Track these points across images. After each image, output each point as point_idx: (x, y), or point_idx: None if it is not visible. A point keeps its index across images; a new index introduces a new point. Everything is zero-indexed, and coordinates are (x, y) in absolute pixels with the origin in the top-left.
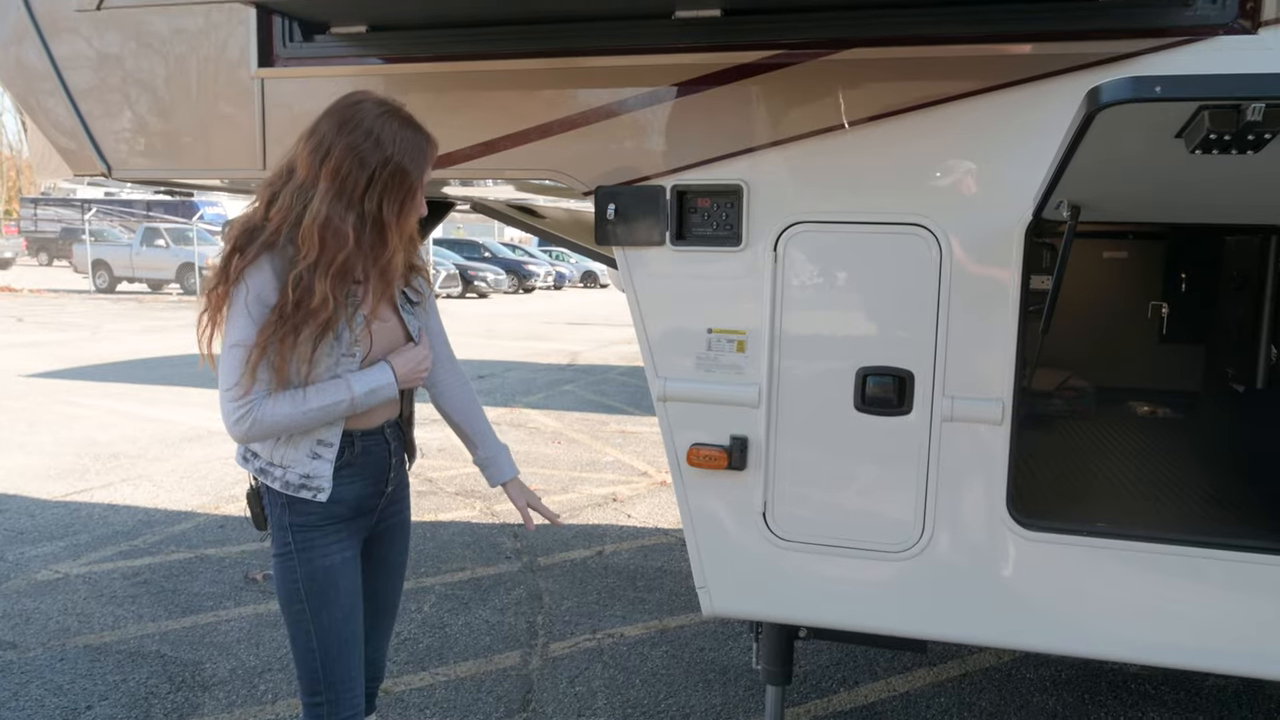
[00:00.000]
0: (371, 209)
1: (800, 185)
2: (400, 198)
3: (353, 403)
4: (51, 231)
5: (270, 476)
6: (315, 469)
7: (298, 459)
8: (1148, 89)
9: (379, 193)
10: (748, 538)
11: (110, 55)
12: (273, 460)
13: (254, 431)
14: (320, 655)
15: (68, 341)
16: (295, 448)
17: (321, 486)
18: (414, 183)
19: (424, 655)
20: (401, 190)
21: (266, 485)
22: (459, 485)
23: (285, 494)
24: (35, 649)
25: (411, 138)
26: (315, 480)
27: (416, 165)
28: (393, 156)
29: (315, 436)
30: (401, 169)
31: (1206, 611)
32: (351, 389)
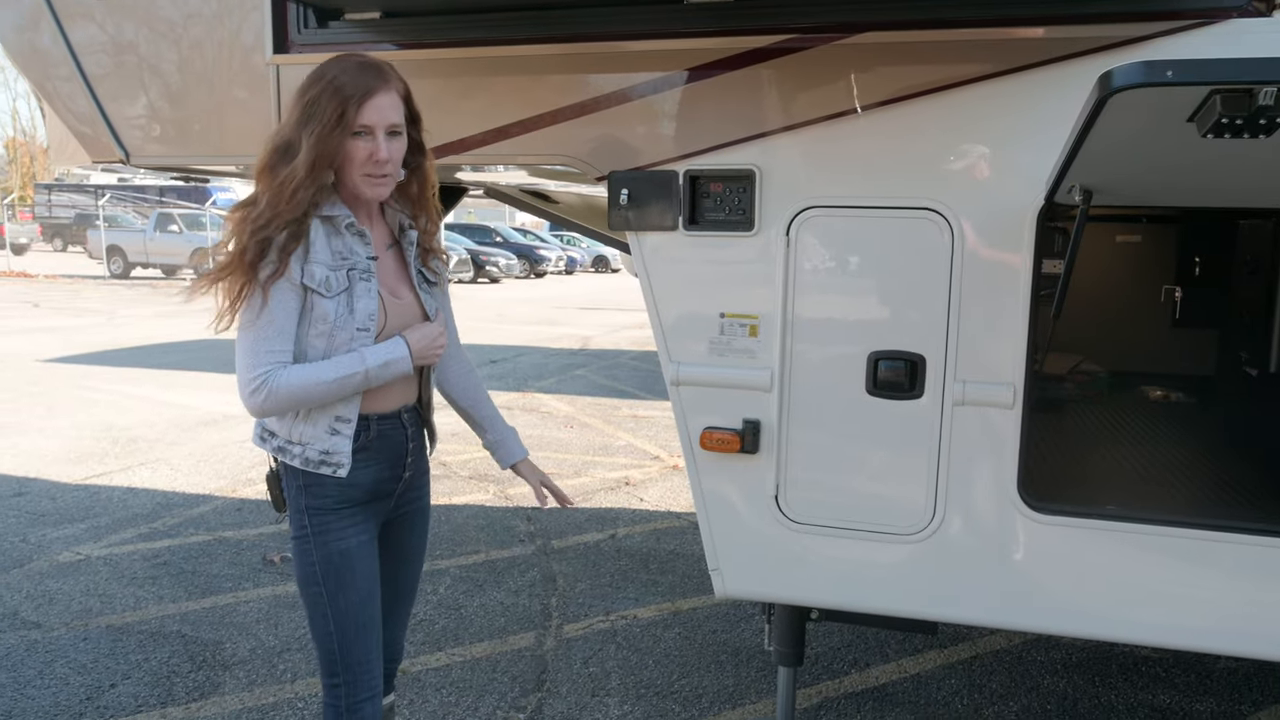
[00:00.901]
0: (292, 137)
1: (813, 170)
2: (327, 122)
3: (366, 375)
4: (66, 217)
5: (289, 454)
6: (334, 445)
7: (316, 435)
8: (1159, 73)
9: (301, 118)
10: (760, 520)
11: (127, 41)
12: (291, 438)
13: (269, 404)
14: (338, 637)
15: (83, 327)
16: (314, 424)
17: (341, 462)
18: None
19: (440, 636)
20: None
21: (285, 466)
22: (472, 469)
23: (305, 471)
24: (59, 629)
25: (350, 65)
26: (335, 456)
27: (354, 86)
28: (325, 81)
29: (333, 413)
30: (332, 89)
31: (1217, 594)
32: (365, 360)
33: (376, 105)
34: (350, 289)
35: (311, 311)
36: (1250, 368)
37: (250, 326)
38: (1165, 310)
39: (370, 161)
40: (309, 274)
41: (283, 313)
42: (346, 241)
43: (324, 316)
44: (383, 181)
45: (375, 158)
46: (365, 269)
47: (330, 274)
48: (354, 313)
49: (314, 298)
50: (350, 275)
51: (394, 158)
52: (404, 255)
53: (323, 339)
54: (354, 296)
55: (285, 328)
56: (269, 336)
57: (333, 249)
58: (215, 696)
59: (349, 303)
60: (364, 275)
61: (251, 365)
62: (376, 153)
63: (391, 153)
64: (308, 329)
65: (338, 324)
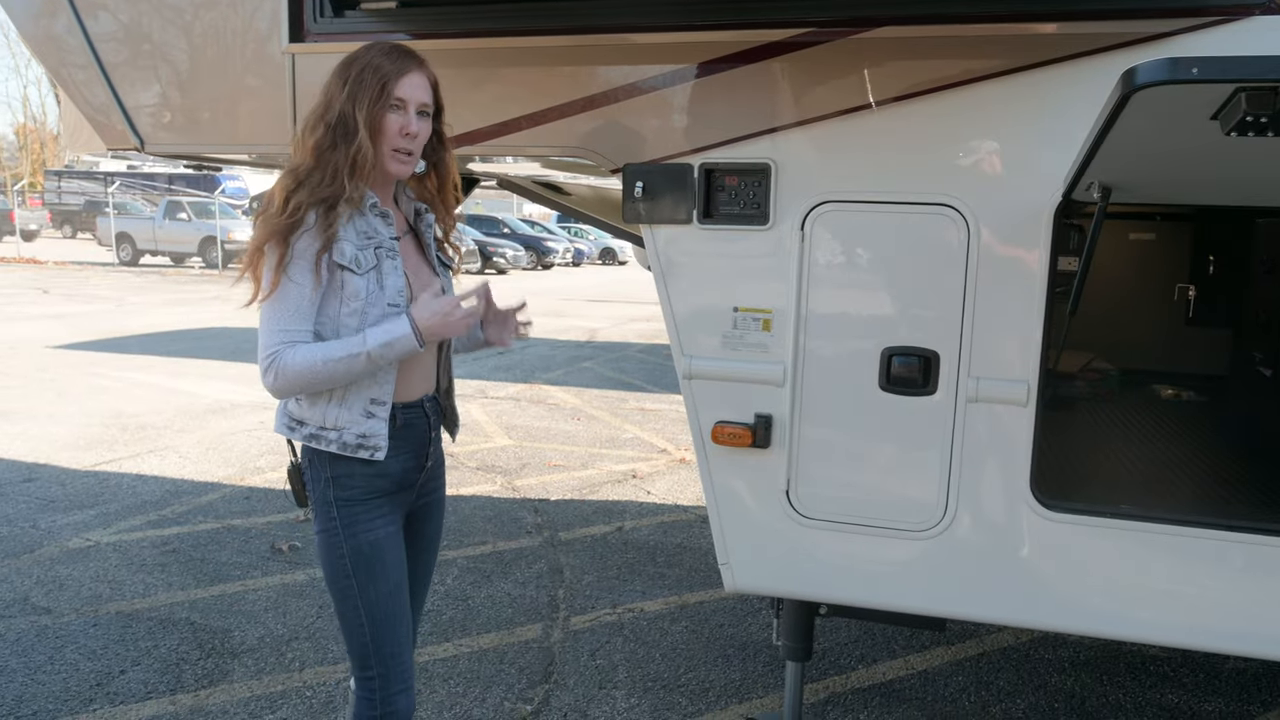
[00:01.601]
0: (345, 110)
1: (828, 165)
2: (370, 96)
3: (369, 356)
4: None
5: (324, 440)
6: (371, 428)
7: (353, 419)
8: (1184, 70)
9: (350, 93)
10: (771, 515)
11: (143, 29)
12: (326, 424)
13: (280, 382)
14: (370, 630)
15: (92, 314)
16: (349, 409)
17: (379, 445)
18: (387, 80)
19: (447, 627)
20: (373, 87)
21: (311, 460)
22: (480, 460)
23: (334, 461)
24: (69, 614)
25: (387, 48)
26: (372, 439)
27: (392, 63)
28: (366, 59)
29: (368, 395)
30: (373, 66)
31: (1227, 594)
32: (366, 340)
33: (412, 82)
34: (379, 266)
35: (343, 289)
36: (1264, 368)
37: (267, 304)
38: (1179, 309)
39: (401, 135)
40: (339, 251)
41: (299, 292)
42: (370, 221)
43: (355, 294)
44: (408, 159)
45: (406, 130)
46: (391, 248)
47: (358, 252)
48: (384, 289)
49: (345, 275)
50: (378, 253)
51: (420, 136)
52: (421, 240)
53: (355, 316)
54: (382, 274)
55: (301, 308)
56: (283, 315)
57: (357, 229)
58: (224, 684)
59: (378, 279)
60: (390, 254)
61: (265, 345)
62: (408, 126)
63: (420, 130)
64: (339, 308)
65: (370, 301)
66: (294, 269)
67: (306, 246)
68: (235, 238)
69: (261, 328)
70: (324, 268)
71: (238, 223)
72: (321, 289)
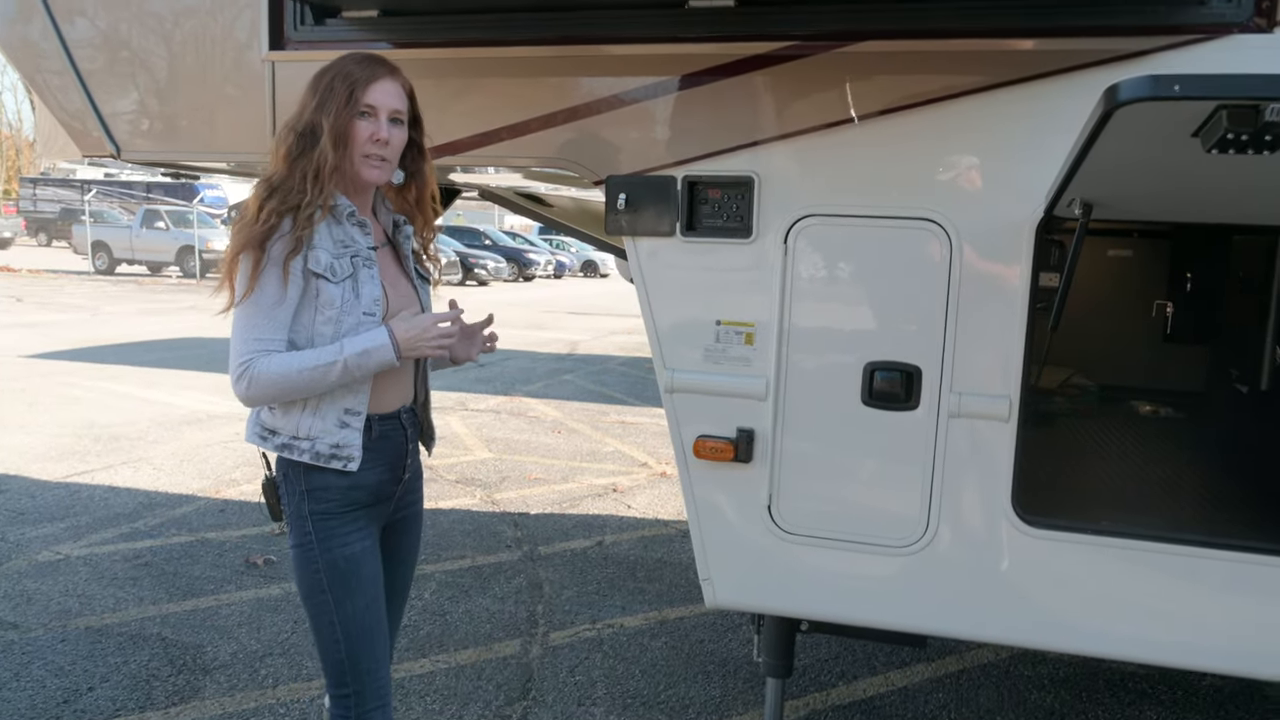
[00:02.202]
0: (314, 119)
1: (812, 178)
2: (338, 103)
3: (345, 365)
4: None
5: (296, 450)
6: (345, 438)
7: (326, 429)
8: (1166, 87)
9: (319, 102)
10: (753, 530)
11: (121, 35)
12: (299, 433)
13: (253, 391)
14: (345, 646)
15: (66, 323)
16: (323, 418)
17: (353, 455)
18: (355, 86)
19: (425, 642)
20: (341, 94)
21: (286, 473)
22: (459, 473)
23: (309, 474)
24: (36, 630)
25: (359, 56)
26: (346, 449)
27: (363, 71)
28: (338, 68)
29: (342, 405)
30: (343, 74)
31: (1206, 611)
32: (343, 349)
33: (382, 88)
34: (355, 275)
35: (318, 298)
36: (1241, 385)
37: (241, 311)
38: (1157, 325)
39: (371, 141)
40: (314, 259)
41: (271, 299)
42: (347, 230)
43: (330, 302)
44: (381, 165)
45: (375, 136)
46: (367, 257)
47: (334, 260)
48: (360, 298)
49: (319, 283)
50: (354, 262)
51: (394, 143)
52: (399, 252)
53: (330, 325)
54: (358, 282)
55: (276, 315)
56: (258, 324)
57: (334, 237)
58: (195, 701)
59: (354, 288)
60: (366, 262)
61: (238, 352)
62: (377, 132)
63: (392, 136)
64: (314, 316)
65: (344, 309)
66: (268, 276)
67: (281, 253)
68: (213, 247)
69: (234, 335)
70: (297, 274)
71: (216, 232)
72: (297, 297)
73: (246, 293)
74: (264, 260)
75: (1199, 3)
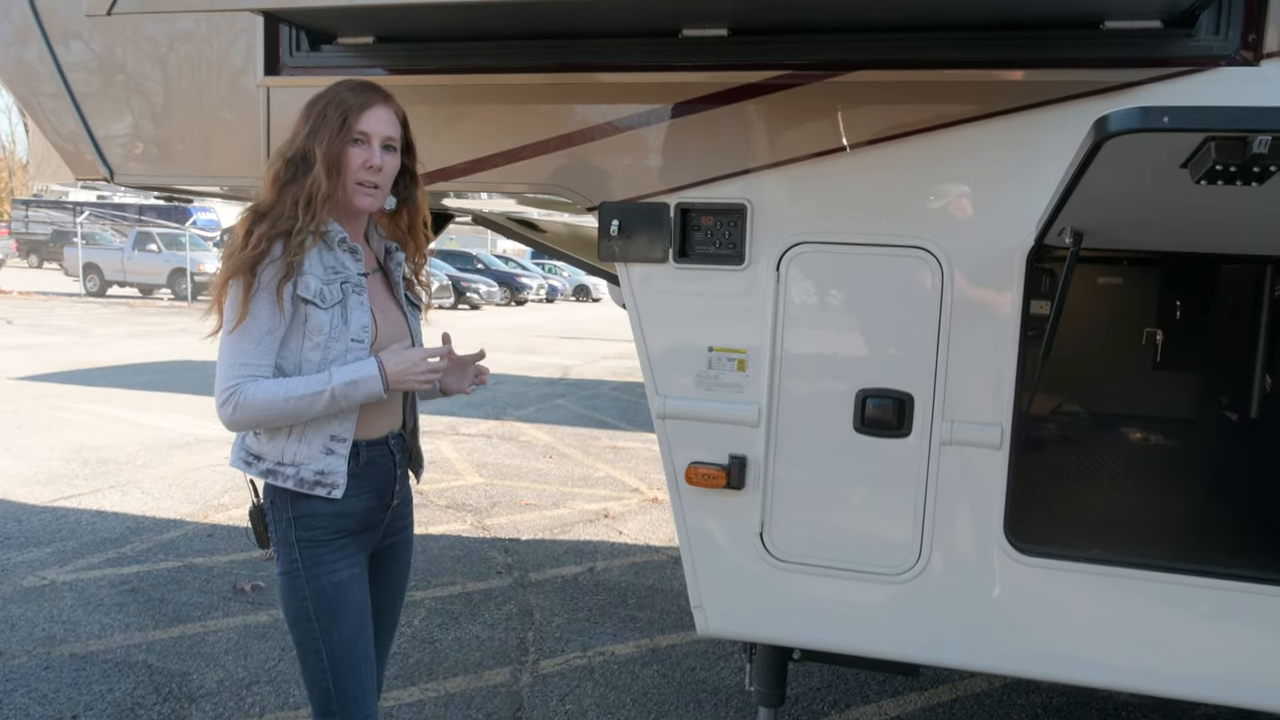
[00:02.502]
0: (306, 146)
1: (804, 206)
2: (331, 130)
3: (333, 394)
4: (43, 234)
5: (280, 476)
6: (330, 464)
7: (311, 455)
8: (1156, 119)
9: (312, 129)
10: (744, 558)
11: (116, 60)
12: (284, 459)
13: (238, 416)
14: (332, 674)
15: (57, 345)
16: (308, 444)
17: (337, 482)
18: (349, 114)
19: (414, 670)
20: (334, 121)
21: (273, 499)
22: (450, 498)
23: (295, 501)
24: (20, 656)
25: (353, 84)
26: (330, 476)
27: (356, 98)
28: (331, 95)
29: (328, 432)
30: (336, 101)
31: (1200, 640)
32: (331, 378)
33: (375, 115)
34: (344, 301)
35: (306, 324)
36: (1231, 412)
37: (229, 336)
38: (1147, 353)
39: (364, 168)
40: (303, 285)
41: (260, 324)
42: (338, 256)
43: (319, 328)
44: (374, 193)
45: (369, 163)
46: (357, 283)
47: (324, 286)
48: (348, 324)
49: (308, 309)
50: (344, 288)
51: (386, 170)
52: (390, 278)
53: (318, 351)
54: (347, 309)
55: (264, 341)
56: (245, 349)
57: (324, 263)
58: None
59: (343, 314)
60: (356, 289)
61: (224, 377)
62: (370, 159)
63: (385, 163)
64: (302, 341)
65: (333, 335)
66: (260, 302)
67: (272, 279)
68: (205, 269)
69: (221, 359)
70: (287, 300)
71: (208, 254)
72: (285, 322)
73: (238, 319)
74: (255, 286)
75: (1186, 36)
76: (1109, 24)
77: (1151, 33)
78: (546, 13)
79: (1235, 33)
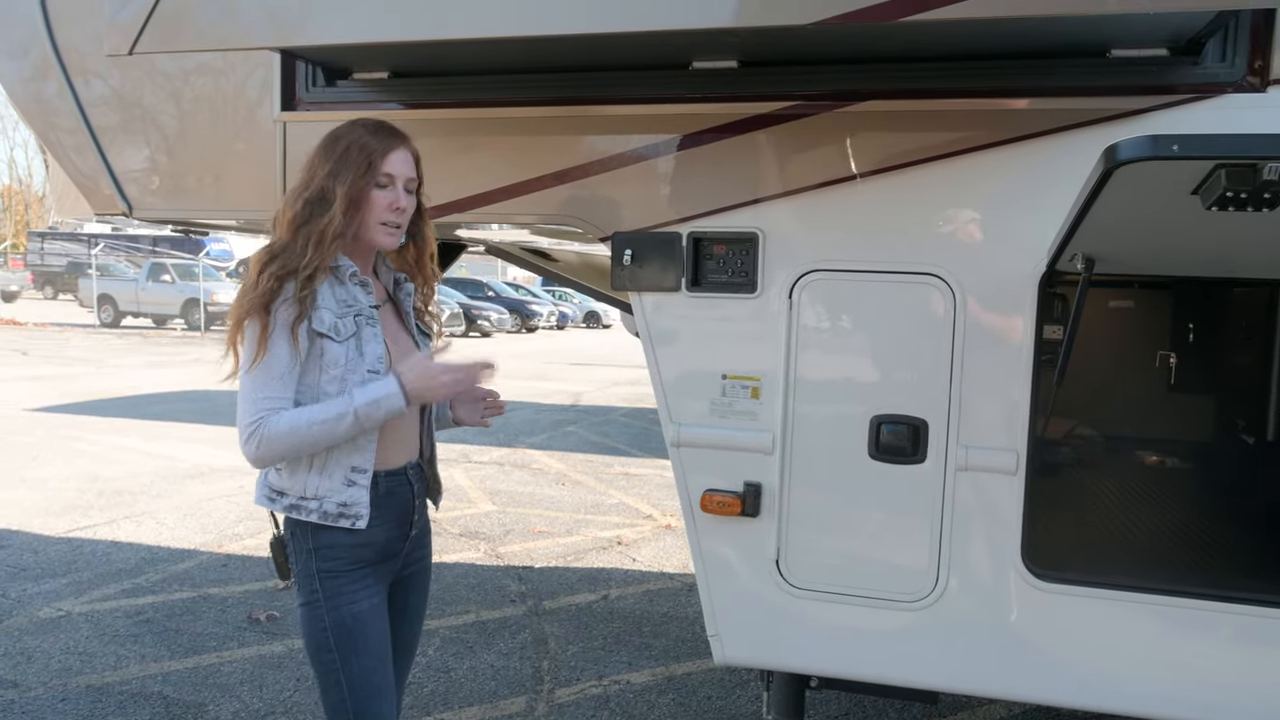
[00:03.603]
0: (326, 185)
1: (816, 234)
2: (355, 171)
3: (356, 414)
4: (58, 266)
5: (304, 510)
6: (352, 496)
7: (333, 488)
8: (1165, 147)
9: (333, 170)
10: (761, 585)
11: (135, 95)
12: (306, 494)
13: (264, 450)
14: (352, 705)
15: (72, 376)
16: (330, 477)
17: (360, 513)
18: (373, 157)
19: (429, 700)
20: (359, 163)
21: (294, 530)
22: (463, 526)
23: (317, 532)
24: (37, 688)
25: (371, 125)
26: (354, 507)
27: (379, 141)
28: (352, 136)
29: (349, 463)
30: (359, 144)
31: (1218, 665)
32: (353, 399)
33: (399, 158)
34: (358, 334)
35: (322, 357)
36: (1247, 435)
37: (248, 374)
38: (1161, 376)
39: (391, 210)
40: (318, 319)
41: (280, 361)
42: (350, 290)
43: (335, 361)
44: (396, 232)
45: (395, 205)
46: (371, 316)
47: (338, 320)
48: (363, 356)
49: (324, 343)
50: (357, 321)
51: (408, 210)
52: (400, 309)
53: (335, 384)
54: (362, 341)
55: (284, 376)
56: (266, 383)
57: (337, 298)
58: None
59: (358, 346)
60: (370, 321)
61: (246, 413)
62: (397, 201)
63: (408, 204)
64: (319, 375)
65: (349, 367)
66: (276, 341)
67: (287, 318)
68: (219, 300)
69: (243, 396)
70: (303, 336)
71: (222, 285)
72: (302, 357)
73: (255, 358)
74: (271, 325)
75: (1193, 63)
76: (1115, 52)
77: (1158, 60)
78: (560, 48)
79: (1242, 59)
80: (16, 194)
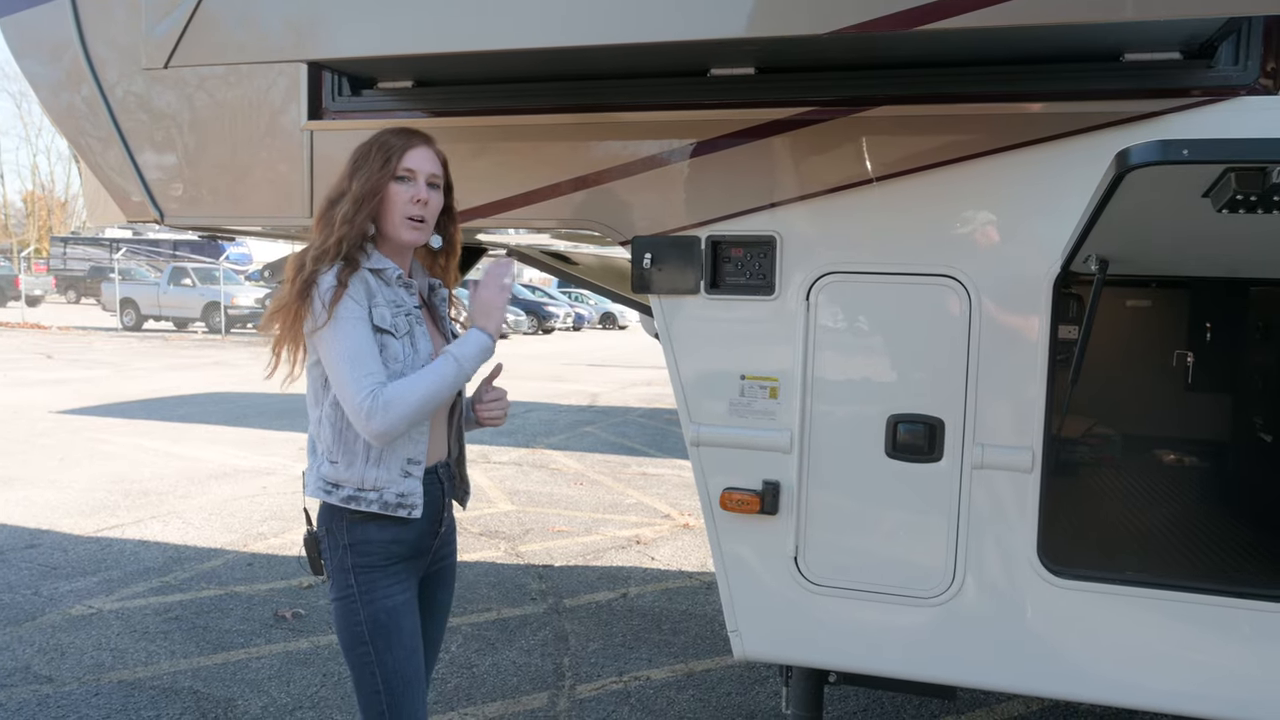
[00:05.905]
0: (348, 186)
1: (832, 237)
2: (374, 166)
3: (458, 362)
4: (80, 270)
5: (363, 501)
6: (409, 487)
7: (391, 479)
8: (1176, 152)
9: (355, 170)
10: (780, 582)
11: (168, 107)
12: (364, 485)
13: (390, 416)
14: (386, 696)
15: (95, 379)
16: (388, 469)
17: (415, 504)
18: (392, 153)
19: (452, 695)
20: (378, 159)
21: (330, 523)
22: (483, 525)
23: (353, 527)
24: (71, 683)
25: (395, 129)
26: (410, 497)
27: (399, 140)
28: (376, 140)
29: (405, 455)
30: (380, 144)
31: (1234, 661)
32: (450, 355)
33: (419, 154)
34: (411, 332)
35: (384, 352)
36: (1265, 434)
37: (342, 364)
38: (1178, 375)
39: (412, 203)
40: (379, 316)
41: (363, 340)
42: (396, 292)
43: (395, 357)
44: (421, 227)
45: (416, 198)
46: (417, 316)
47: (394, 318)
48: (418, 352)
49: (384, 339)
50: (408, 319)
51: (432, 205)
52: (435, 313)
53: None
54: (415, 338)
55: (373, 351)
56: (362, 360)
57: (386, 299)
58: None
59: (413, 344)
60: (418, 320)
61: (356, 391)
62: (418, 194)
63: (430, 198)
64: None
65: (407, 364)
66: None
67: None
68: (239, 303)
69: (343, 378)
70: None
71: (241, 288)
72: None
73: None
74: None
75: (1206, 66)
76: (1129, 56)
77: (1171, 64)
78: (581, 57)
79: (1254, 62)
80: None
